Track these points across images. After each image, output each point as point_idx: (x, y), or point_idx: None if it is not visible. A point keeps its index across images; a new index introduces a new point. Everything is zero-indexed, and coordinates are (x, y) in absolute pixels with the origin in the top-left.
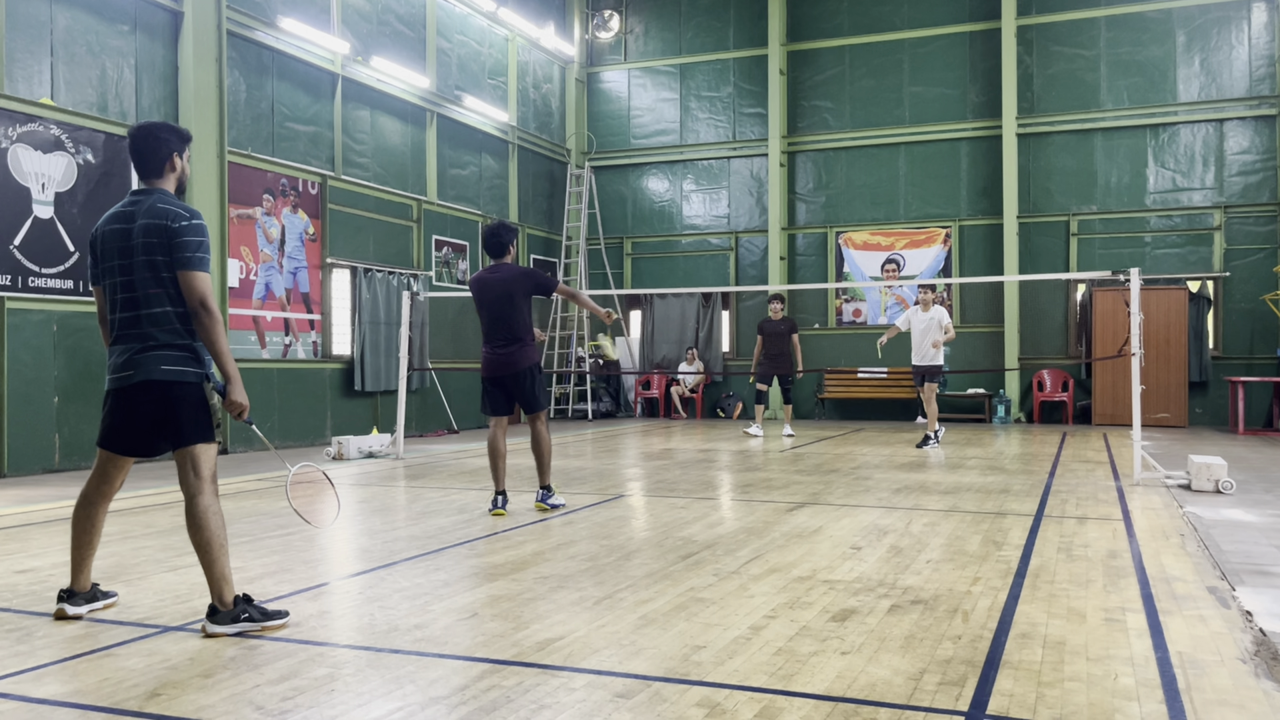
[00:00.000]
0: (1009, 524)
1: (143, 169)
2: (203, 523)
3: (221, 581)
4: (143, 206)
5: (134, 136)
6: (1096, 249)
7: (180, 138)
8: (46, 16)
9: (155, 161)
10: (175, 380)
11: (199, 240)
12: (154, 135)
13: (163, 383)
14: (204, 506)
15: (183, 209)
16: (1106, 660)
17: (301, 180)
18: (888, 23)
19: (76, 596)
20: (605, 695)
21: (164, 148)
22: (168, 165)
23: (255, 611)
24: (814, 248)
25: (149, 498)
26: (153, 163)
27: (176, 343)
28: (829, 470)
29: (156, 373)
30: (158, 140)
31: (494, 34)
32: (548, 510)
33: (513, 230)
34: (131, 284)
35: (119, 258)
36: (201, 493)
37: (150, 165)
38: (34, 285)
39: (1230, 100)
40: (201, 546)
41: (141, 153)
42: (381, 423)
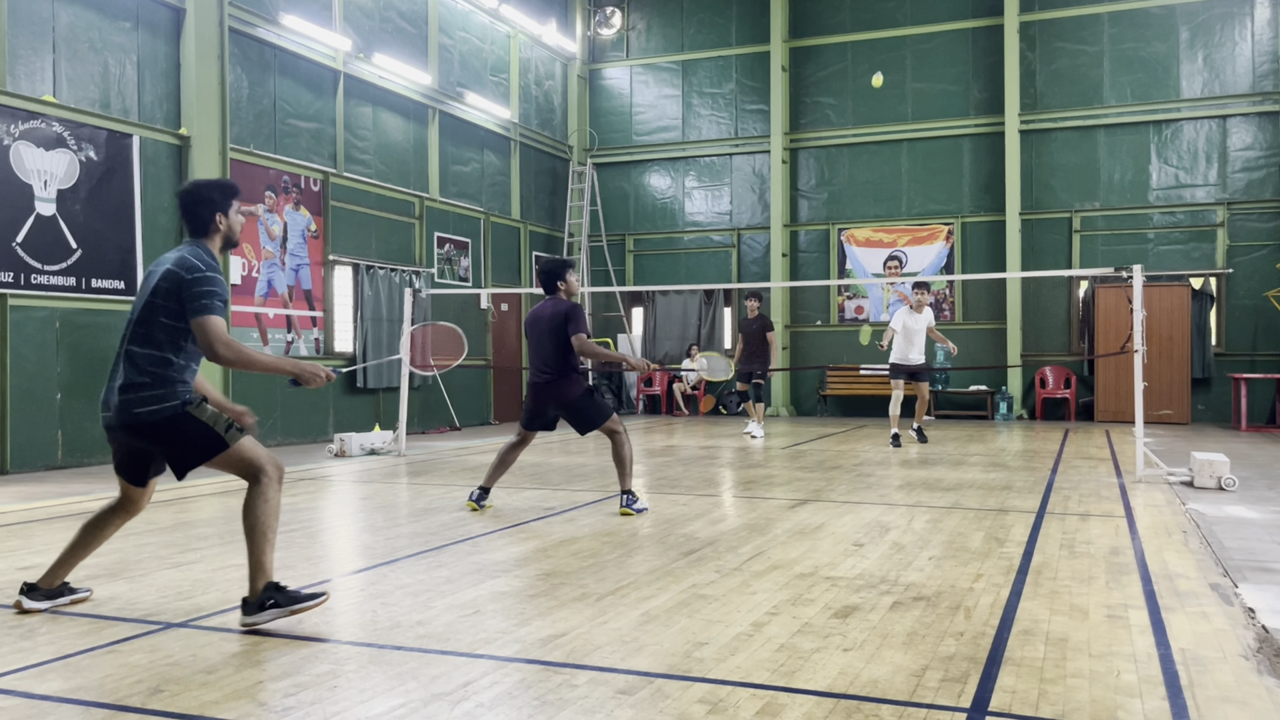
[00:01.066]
0: (1011, 521)
1: (190, 227)
2: (245, 509)
3: (255, 570)
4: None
5: (181, 197)
6: (1099, 245)
7: (225, 195)
8: (49, 13)
9: (200, 223)
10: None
11: (208, 290)
12: (198, 197)
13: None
14: (251, 494)
15: (201, 261)
16: (1109, 657)
17: (303, 177)
18: (890, 19)
19: (37, 591)
20: (607, 692)
21: (207, 209)
22: (212, 226)
23: (281, 597)
24: (816, 244)
25: None
26: (197, 223)
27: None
28: (831, 467)
29: (130, 416)
30: (201, 201)
31: (496, 31)
32: (631, 514)
33: (564, 265)
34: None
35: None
36: (254, 483)
37: (195, 225)
38: (36, 282)
39: (1233, 96)
40: (245, 532)
41: (187, 212)
42: (384, 420)
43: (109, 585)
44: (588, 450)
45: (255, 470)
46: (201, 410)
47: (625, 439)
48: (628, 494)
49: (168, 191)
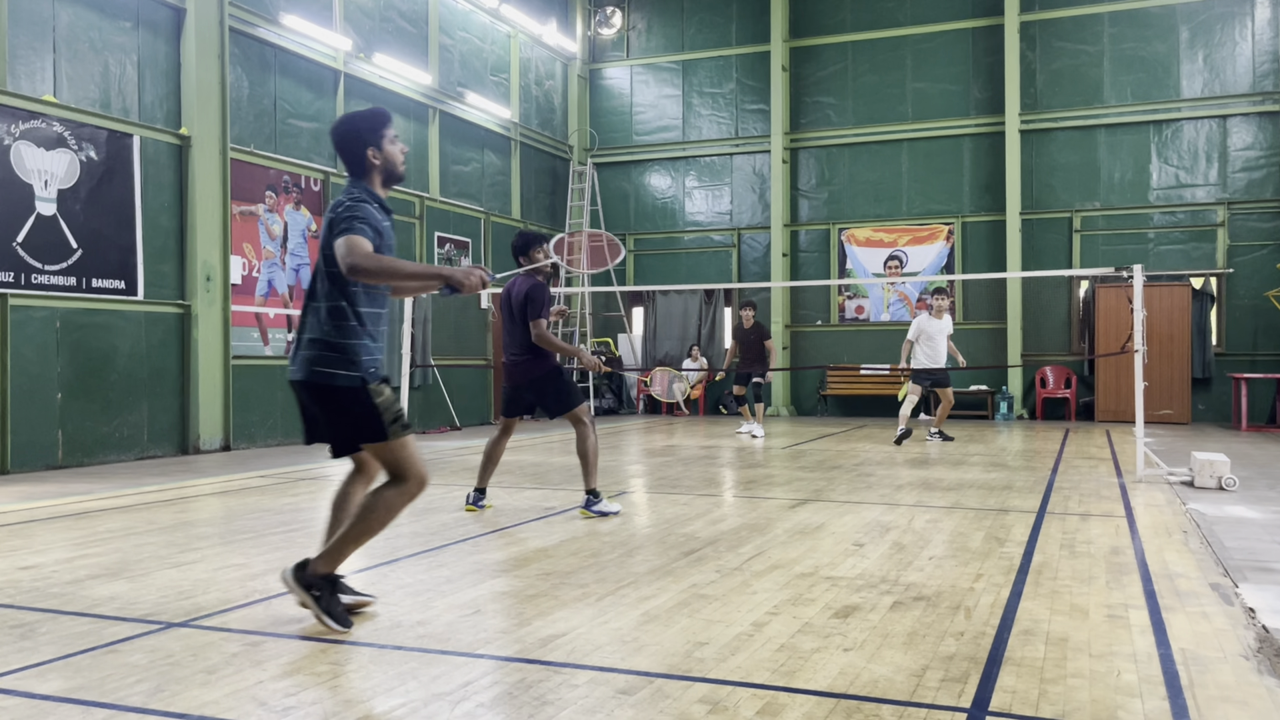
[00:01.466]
0: (1011, 520)
1: (348, 169)
2: (369, 498)
3: (331, 554)
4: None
5: (333, 138)
6: (1099, 245)
7: (372, 126)
8: (49, 13)
9: (354, 161)
10: (324, 384)
11: (352, 215)
12: (345, 134)
13: (318, 385)
14: (381, 490)
15: (349, 195)
16: (1109, 657)
17: (304, 177)
18: (890, 19)
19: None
20: (608, 691)
21: (357, 144)
22: (366, 163)
23: (327, 597)
24: (817, 244)
25: (151, 494)
26: (352, 163)
27: (323, 336)
28: (831, 467)
29: (309, 373)
30: (347, 138)
31: (496, 30)
32: (592, 518)
33: (534, 238)
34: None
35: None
36: (392, 484)
37: (351, 165)
38: (37, 282)
39: (1234, 96)
40: (351, 515)
41: (341, 154)
42: None
43: (109, 585)
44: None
45: (403, 474)
46: (379, 391)
47: (591, 432)
48: (591, 494)
49: (168, 191)
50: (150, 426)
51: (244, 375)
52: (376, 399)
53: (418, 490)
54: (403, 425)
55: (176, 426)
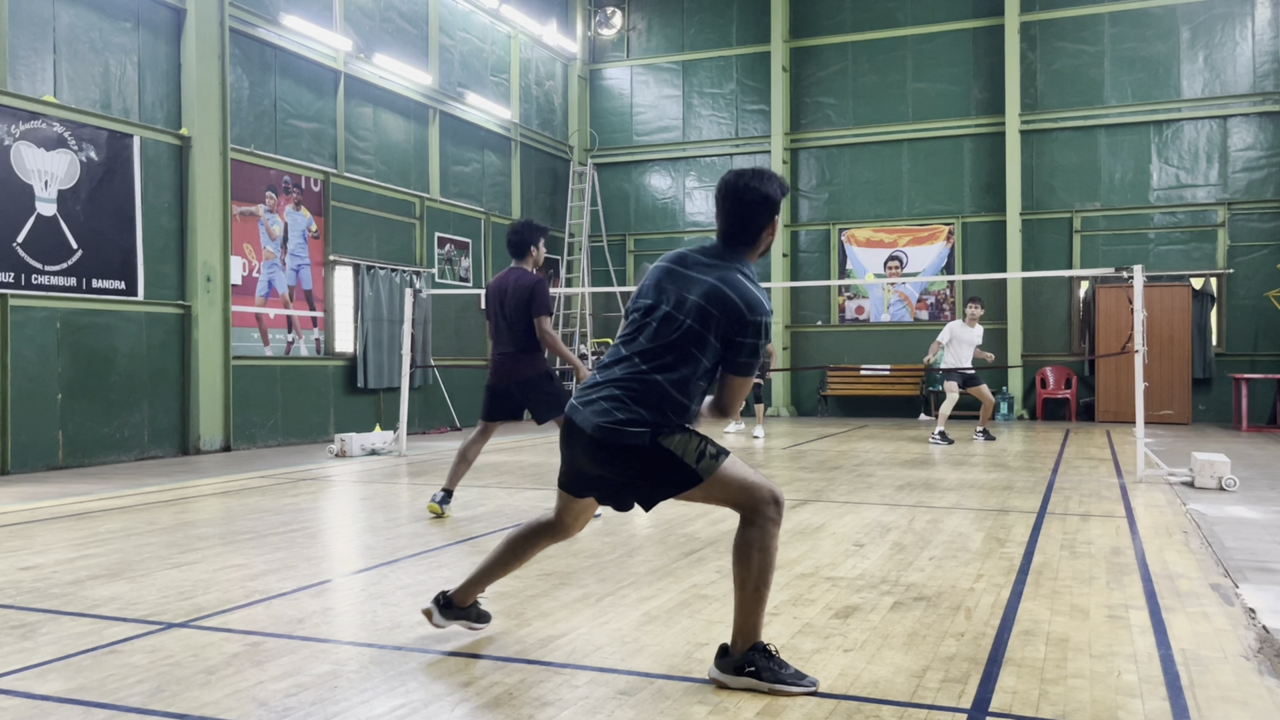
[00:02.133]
0: (1012, 521)
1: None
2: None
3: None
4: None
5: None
6: (1100, 246)
7: (542, 234)
8: (49, 14)
9: (522, 250)
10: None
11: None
12: (524, 234)
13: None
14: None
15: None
16: (1109, 657)
17: (304, 177)
18: (891, 19)
19: (452, 609)
20: (608, 692)
21: (528, 241)
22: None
23: (768, 666)
24: (817, 244)
25: (152, 495)
26: (520, 250)
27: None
28: (832, 467)
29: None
30: (525, 237)
31: (496, 31)
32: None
33: (537, 230)
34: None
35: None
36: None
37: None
38: (37, 283)
39: (1234, 96)
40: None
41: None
42: (384, 420)
43: (109, 585)
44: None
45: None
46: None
47: None
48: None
49: (168, 192)
50: (150, 427)
51: (244, 376)
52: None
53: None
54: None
55: (177, 427)
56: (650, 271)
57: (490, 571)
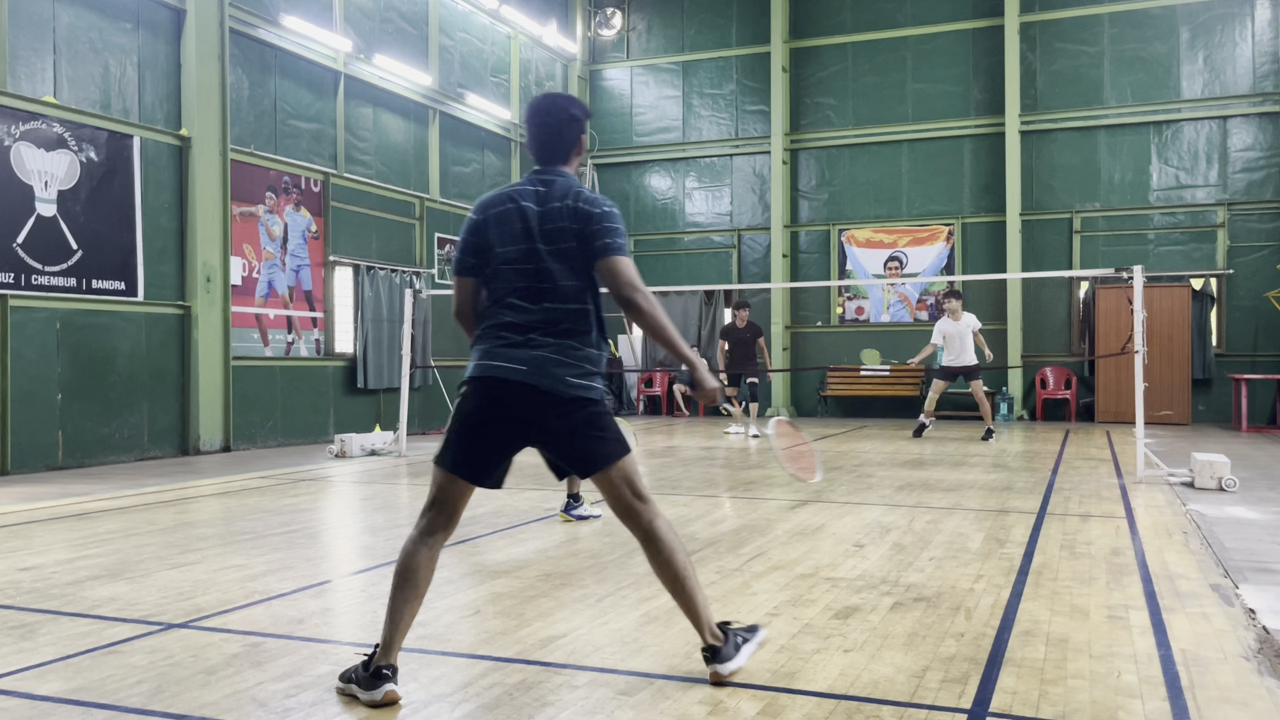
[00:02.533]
0: (1012, 521)
1: (546, 153)
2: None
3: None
4: (556, 188)
5: (541, 113)
6: (1100, 246)
7: (587, 114)
8: (49, 14)
9: (563, 145)
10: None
11: (620, 227)
12: (567, 114)
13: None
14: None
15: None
16: (1109, 658)
17: (304, 178)
18: (890, 20)
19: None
20: (608, 693)
21: (574, 128)
22: (574, 150)
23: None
24: (817, 245)
25: (152, 495)
26: (560, 147)
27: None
28: (832, 468)
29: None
30: (568, 120)
31: (496, 31)
32: (571, 521)
33: None
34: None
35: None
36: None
37: (557, 149)
38: (37, 283)
39: (1234, 97)
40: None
41: (550, 132)
42: (384, 420)
43: (109, 586)
44: None
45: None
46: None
47: None
48: (573, 498)
49: (168, 192)
50: (150, 427)
51: (244, 376)
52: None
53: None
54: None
55: (177, 427)
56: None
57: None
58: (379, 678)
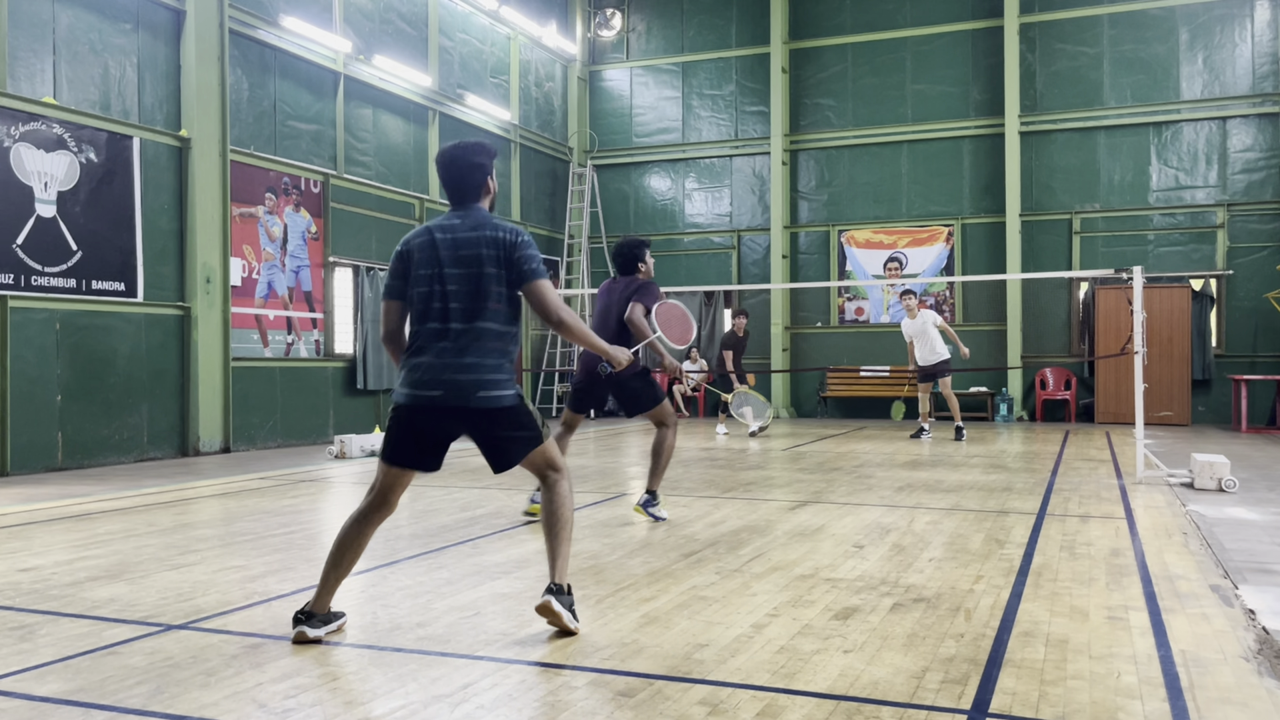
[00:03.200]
0: (1011, 522)
1: (457, 197)
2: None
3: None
4: (469, 221)
5: (448, 165)
6: (1099, 247)
7: (491, 156)
8: (49, 15)
9: (472, 188)
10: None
11: (536, 254)
12: (470, 163)
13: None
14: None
15: (515, 227)
16: (1109, 658)
17: (304, 179)
18: (890, 21)
19: (315, 619)
20: (608, 694)
21: (479, 174)
22: (484, 189)
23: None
24: (816, 246)
25: (151, 496)
26: (469, 190)
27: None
28: (831, 469)
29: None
30: (472, 167)
31: (496, 32)
32: (645, 516)
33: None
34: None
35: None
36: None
37: (467, 192)
38: (36, 284)
39: (1233, 98)
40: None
41: (458, 181)
42: (384, 421)
43: (109, 587)
44: (588, 452)
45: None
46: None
47: (672, 434)
48: (650, 495)
49: (168, 193)
50: (150, 428)
51: (244, 377)
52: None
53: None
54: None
55: (176, 428)
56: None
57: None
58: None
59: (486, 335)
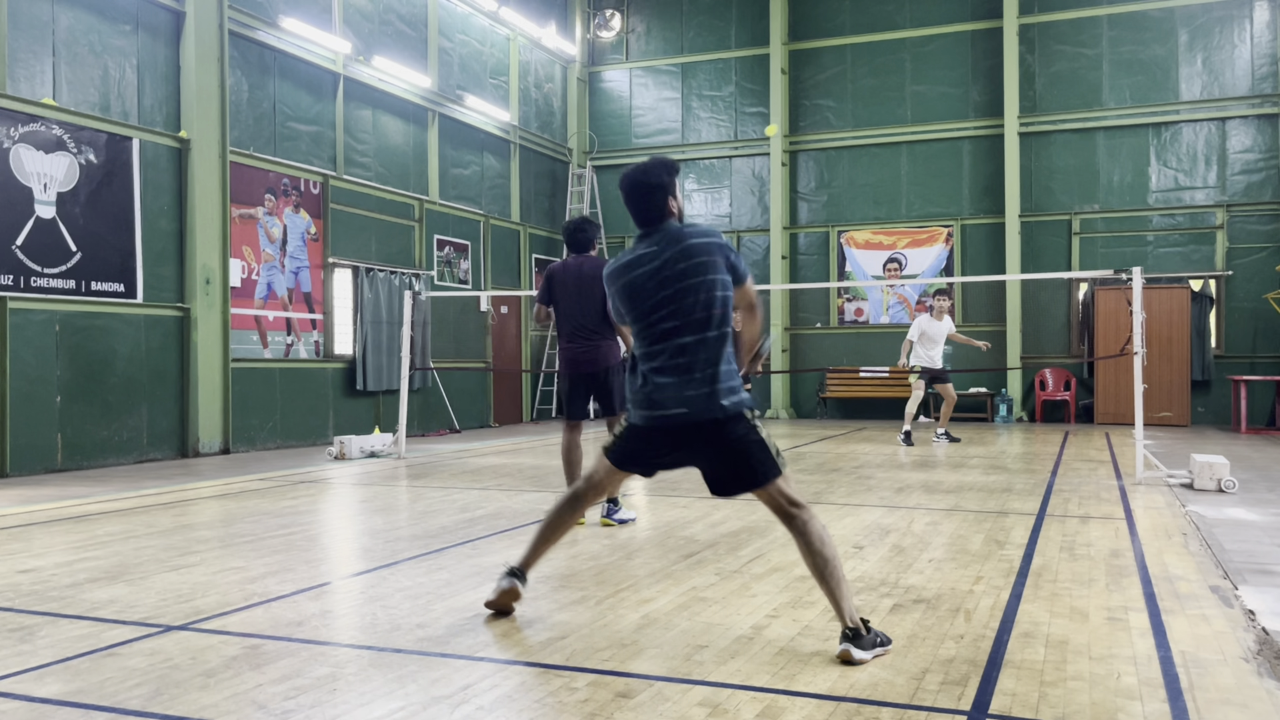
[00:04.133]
0: (1011, 523)
1: (645, 219)
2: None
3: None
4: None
5: (631, 189)
6: (1099, 248)
7: (672, 173)
8: (48, 16)
9: (657, 211)
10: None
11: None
12: (652, 185)
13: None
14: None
15: (716, 233)
16: (1109, 659)
17: (303, 180)
18: (889, 22)
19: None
20: (608, 695)
21: (661, 194)
22: (668, 209)
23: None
24: (816, 247)
25: (151, 497)
26: (655, 212)
27: (731, 370)
28: (831, 469)
29: (719, 410)
30: (656, 189)
31: (495, 33)
32: (613, 525)
33: (597, 226)
34: (677, 313)
35: (663, 289)
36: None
37: (654, 214)
38: (36, 285)
39: (1232, 99)
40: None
41: (643, 205)
42: (383, 422)
43: (108, 588)
44: (587, 454)
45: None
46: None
47: None
48: (611, 502)
49: (167, 194)
50: (149, 429)
51: (243, 378)
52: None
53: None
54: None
55: (176, 429)
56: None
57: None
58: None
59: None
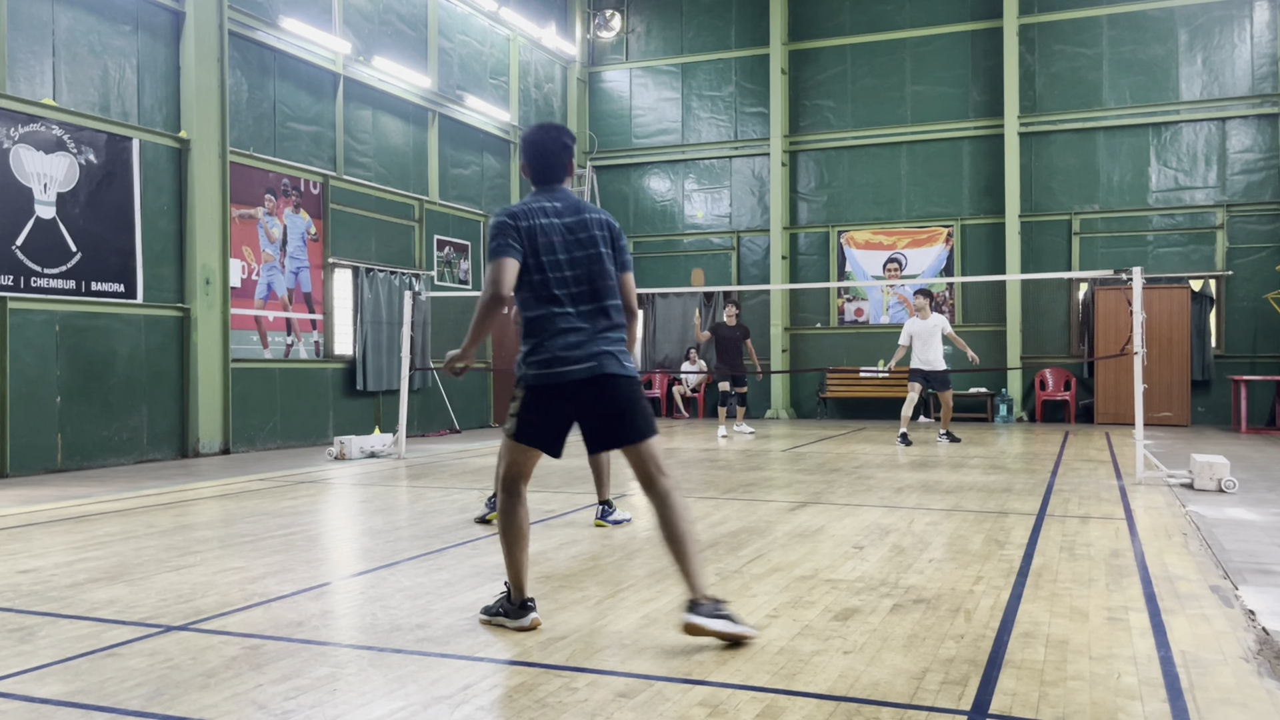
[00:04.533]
0: (1011, 523)
1: (550, 175)
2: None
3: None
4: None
5: (549, 143)
6: (1099, 248)
7: (574, 139)
8: (48, 17)
9: (562, 169)
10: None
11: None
12: (564, 144)
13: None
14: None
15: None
16: (1109, 659)
17: (303, 180)
18: (889, 22)
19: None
20: (607, 695)
21: (569, 155)
22: (567, 171)
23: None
24: (816, 247)
25: (151, 498)
26: (560, 170)
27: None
28: (831, 470)
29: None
30: (564, 148)
31: (495, 34)
32: (606, 526)
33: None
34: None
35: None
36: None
37: (559, 171)
38: (36, 285)
39: (1232, 99)
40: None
41: (555, 160)
42: (383, 422)
43: (108, 588)
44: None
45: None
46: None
47: None
48: (605, 504)
49: (167, 194)
50: (149, 430)
51: (243, 378)
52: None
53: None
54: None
55: (176, 430)
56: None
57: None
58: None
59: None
